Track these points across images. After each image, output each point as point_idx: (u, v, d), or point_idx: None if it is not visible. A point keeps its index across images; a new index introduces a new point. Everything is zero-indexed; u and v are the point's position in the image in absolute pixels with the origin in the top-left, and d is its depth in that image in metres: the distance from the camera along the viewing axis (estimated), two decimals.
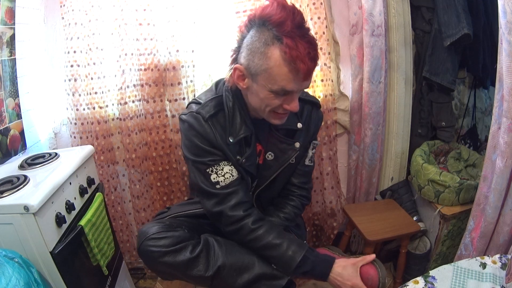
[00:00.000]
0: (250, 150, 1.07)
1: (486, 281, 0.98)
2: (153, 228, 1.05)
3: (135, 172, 1.66)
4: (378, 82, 1.59)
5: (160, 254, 1.01)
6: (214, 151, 1.04)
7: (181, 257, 1.01)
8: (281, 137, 1.12)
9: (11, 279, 0.86)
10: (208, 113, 1.03)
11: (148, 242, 1.03)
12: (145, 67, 1.54)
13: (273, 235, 1.04)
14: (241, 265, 1.04)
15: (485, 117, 1.72)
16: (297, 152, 1.14)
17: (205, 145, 1.03)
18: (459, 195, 1.48)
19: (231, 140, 1.04)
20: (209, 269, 1.02)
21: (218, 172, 1.04)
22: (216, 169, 1.04)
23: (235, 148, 1.05)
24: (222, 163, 1.04)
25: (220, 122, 1.04)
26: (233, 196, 1.04)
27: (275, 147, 1.13)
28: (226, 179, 1.04)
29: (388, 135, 1.75)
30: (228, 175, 1.04)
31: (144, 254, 1.04)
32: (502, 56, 1.06)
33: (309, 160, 1.23)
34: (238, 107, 1.05)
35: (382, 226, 1.53)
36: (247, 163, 1.07)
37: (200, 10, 1.51)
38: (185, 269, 1.02)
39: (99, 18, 1.49)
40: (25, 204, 0.94)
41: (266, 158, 1.14)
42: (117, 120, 1.62)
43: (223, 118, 1.05)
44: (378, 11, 1.49)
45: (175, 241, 1.03)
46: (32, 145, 1.50)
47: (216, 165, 1.04)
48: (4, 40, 1.32)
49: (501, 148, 1.10)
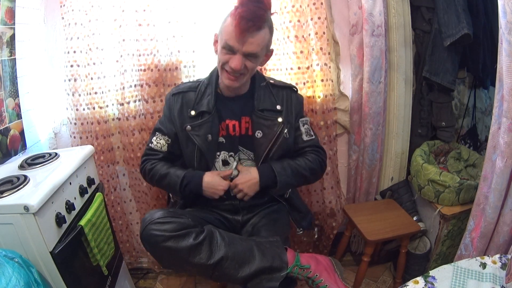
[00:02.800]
0: (200, 121, 1.24)
1: (486, 281, 0.98)
2: (157, 213, 1.08)
3: (136, 172, 1.66)
4: (378, 82, 1.59)
5: (164, 238, 1.03)
6: (167, 123, 1.29)
7: (184, 242, 1.03)
8: (264, 115, 1.26)
9: (11, 279, 0.86)
10: (176, 90, 1.30)
11: (152, 226, 1.05)
12: (145, 67, 1.54)
13: (164, 168, 1.27)
14: (242, 258, 1.07)
15: (485, 117, 1.72)
16: (281, 126, 1.26)
17: (166, 116, 1.30)
18: (459, 195, 1.48)
19: (192, 113, 1.25)
20: (211, 258, 1.04)
21: (158, 138, 1.31)
22: (158, 135, 1.31)
23: (191, 119, 1.25)
24: (163, 137, 1.30)
25: (186, 98, 1.27)
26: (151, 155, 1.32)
27: (261, 125, 1.27)
28: (156, 145, 1.31)
29: (388, 135, 1.75)
30: (159, 145, 1.30)
31: (147, 238, 1.05)
32: (502, 56, 1.06)
33: (306, 135, 1.33)
34: (210, 89, 1.26)
35: (382, 226, 1.53)
36: (192, 131, 1.24)
37: (201, 11, 1.52)
38: (188, 256, 1.04)
39: (99, 18, 1.49)
40: (25, 204, 0.94)
41: (256, 136, 1.27)
42: (117, 120, 1.62)
43: (192, 95, 1.27)
44: (378, 11, 1.49)
45: (179, 227, 1.05)
46: (32, 145, 1.50)
47: (161, 134, 1.30)
48: (4, 40, 1.32)
49: (501, 148, 1.10)
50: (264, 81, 1.31)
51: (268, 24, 1.12)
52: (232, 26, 1.07)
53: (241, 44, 1.09)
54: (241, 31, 1.06)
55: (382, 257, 1.86)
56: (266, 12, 1.10)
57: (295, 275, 1.10)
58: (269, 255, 1.09)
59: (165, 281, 1.84)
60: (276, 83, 1.33)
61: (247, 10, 1.05)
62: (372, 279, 1.78)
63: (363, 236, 1.50)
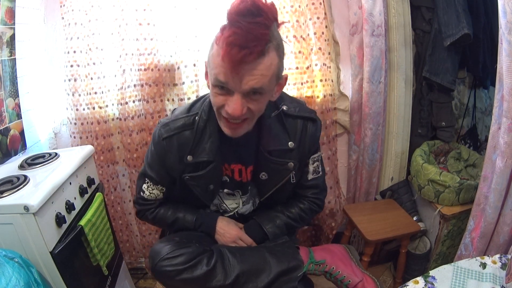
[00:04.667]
0: (200, 172, 1.06)
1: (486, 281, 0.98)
2: (165, 248, 1.04)
3: (136, 172, 1.66)
4: (378, 82, 1.59)
5: (177, 272, 1.00)
6: (159, 171, 1.09)
7: (198, 271, 1.01)
8: (272, 159, 1.06)
9: (11, 279, 0.86)
10: (167, 133, 1.04)
11: (163, 262, 1.01)
12: (145, 67, 1.54)
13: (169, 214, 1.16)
14: (258, 269, 1.04)
15: (485, 117, 1.72)
16: (291, 171, 1.09)
17: (156, 163, 1.09)
18: (459, 195, 1.48)
19: (190, 159, 1.04)
20: (227, 277, 1.02)
21: (149, 188, 1.13)
22: (150, 185, 1.13)
23: (190, 167, 1.06)
24: (156, 187, 1.13)
25: (182, 140, 1.04)
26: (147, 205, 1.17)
27: (268, 168, 1.08)
28: (150, 195, 1.14)
29: (388, 135, 1.75)
30: (153, 196, 1.14)
31: (161, 274, 1.03)
32: (502, 56, 1.06)
33: (312, 174, 1.15)
34: (210, 129, 1.03)
35: (382, 226, 1.53)
36: (192, 182, 1.07)
37: (202, 10, 1.51)
38: (205, 282, 1.02)
39: (99, 18, 1.49)
40: (25, 204, 0.94)
41: (260, 178, 1.10)
42: (117, 120, 1.62)
43: (188, 135, 1.03)
44: (378, 11, 1.49)
45: (190, 257, 1.02)
46: (32, 145, 1.50)
47: (152, 184, 1.13)
48: (4, 40, 1.32)
49: (501, 148, 1.10)
50: (276, 109, 1.04)
51: (274, 44, 0.83)
52: (218, 56, 0.79)
53: (237, 80, 0.81)
54: (234, 63, 0.77)
55: (382, 257, 1.86)
56: (269, 28, 0.79)
57: (311, 272, 1.10)
58: (284, 258, 1.07)
59: None
60: (290, 111, 1.05)
61: (238, 32, 0.75)
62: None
63: (363, 236, 1.50)
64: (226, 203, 1.20)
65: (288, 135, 1.06)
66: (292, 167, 1.07)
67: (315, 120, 1.09)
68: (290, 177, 1.10)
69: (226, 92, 0.85)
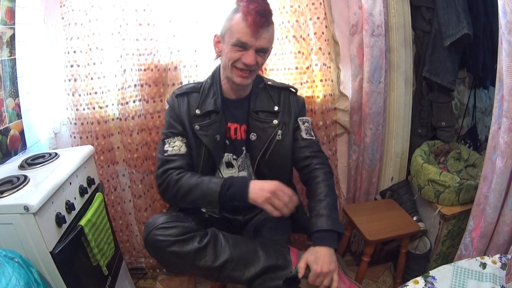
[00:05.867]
0: (208, 121, 1.22)
1: (486, 281, 0.98)
2: (160, 218, 1.07)
3: (136, 172, 1.66)
4: (378, 82, 1.59)
5: (169, 243, 1.03)
6: (175, 124, 1.22)
7: (189, 246, 1.03)
8: (259, 117, 1.25)
9: (11, 279, 0.86)
10: (179, 91, 1.26)
11: (156, 231, 1.04)
12: (145, 67, 1.54)
13: (195, 178, 1.15)
14: (247, 259, 1.07)
15: (485, 117, 1.72)
16: (276, 128, 1.24)
17: (171, 117, 1.24)
18: (459, 195, 1.47)
19: (198, 112, 1.22)
20: (216, 260, 1.04)
21: (170, 143, 1.21)
22: (170, 140, 1.21)
23: (198, 119, 1.22)
24: (176, 137, 1.22)
25: (191, 99, 1.24)
26: (171, 163, 1.18)
27: (256, 127, 1.26)
28: (173, 150, 1.20)
29: (388, 135, 1.75)
30: (176, 148, 1.20)
31: (152, 243, 1.05)
32: (502, 56, 1.06)
33: (306, 134, 1.29)
34: (214, 89, 1.24)
35: (382, 226, 1.53)
36: (201, 131, 1.21)
37: (202, 10, 1.51)
38: (193, 259, 1.04)
39: (99, 18, 1.49)
40: (25, 204, 0.94)
41: (250, 138, 1.26)
42: (117, 120, 1.62)
43: (196, 96, 1.25)
44: (378, 11, 1.49)
45: (184, 231, 1.05)
46: (32, 145, 1.50)
47: (172, 137, 1.22)
48: (4, 40, 1.32)
49: (501, 148, 1.10)
50: (262, 82, 1.29)
51: (272, 20, 1.15)
52: (245, 23, 1.08)
53: (256, 39, 1.10)
54: (257, 26, 1.07)
55: (382, 257, 1.86)
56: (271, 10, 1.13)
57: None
58: (273, 254, 1.09)
59: (165, 281, 1.84)
60: (274, 84, 1.32)
61: (259, 5, 1.07)
62: (372, 279, 1.78)
63: (363, 236, 1.50)
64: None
65: (273, 102, 1.28)
66: (277, 124, 1.25)
67: (295, 92, 1.34)
68: (276, 134, 1.24)
69: (243, 49, 1.11)
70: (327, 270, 1.03)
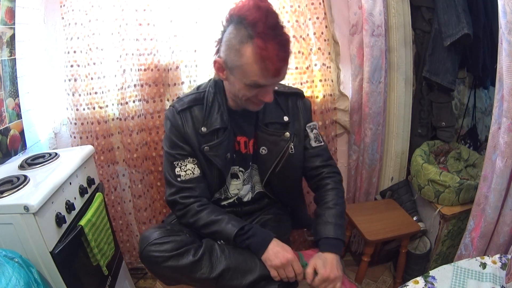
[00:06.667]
0: (217, 140, 1.14)
1: (486, 281, 0.98)
2: (155, 234, 1.06)
3: (136, 172, 1.66)
4: (378, 82, 1.59)
5: (164, 258, 1.02)
6: (183, 145, 1.13)
7: (184, 260, 1.02)
8: (269, 130, 1.18)
9: (11, 279, 0.86)
10: (181, 107, 1.14)
11: (151, 247, 1.03)
12: (145, 67, 1.54)
13: (215, 213, 1.11)
14: (244, 267, 1.06)
15: (485, 117, 1.72)
16: (288, 142, 1.18)
17: (176, 137, 1.14)
18: (459, 195, 1.48)
19: (204, 130, 1.13)
20: (213, 271, 1.03)
21: (181, 167, 1.14)
22: (181, 163, 1.14)
23: (205, 138, 1.14)
24: (187, 160, 1.14)
25: (195, 114, 1.14)
26: (188, 191, 1.13)
27: (267, 141, 1.19)
28: (187, 175, 1.14)
29: (388, 135, 1.75)
30: (189, 172, 1.14)
31: (147, 259, 1.04)
32: (502, 56, 1.06)
33: (315, 141, 1.24)
34: (218, 101, 1.14)
35: (382, 226, 1.53)
36: (211, 152, 1.13)
37: (202, 10, 1.51)
38: (190, 273, 1.03)
39: (99, 18, 1.49)
40: (25, 204, 0.94)
41: (260, 152, 1.20)
42: (117, 120, 1.62)
43: (199, 110, 1.14)
44: (378, 11, 1.49)
45: (178, 245, 1.03)
46: (32, 145, 1.50)
47: (182, 160, 1.14)
48: (4, 40, 1.32)
49: (501, 148, 1.10)
50: None
51: None
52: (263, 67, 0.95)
53: (278, 78, 1.00)
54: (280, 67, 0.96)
55: (382, 257, 1.86)
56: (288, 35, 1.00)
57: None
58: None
59: None
60: (281, 90, 1.21)
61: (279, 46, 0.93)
62: (372, 279, 1.78)
63: (363, 236, 1.50)
64: (229, 189, 1.26)
65: (282, 111, 1.20)
66: (289, 137, 1.18)
67: (303, 95, 1.26)
68: (289, 149, 1.18)
69: (260, 88, 1.01)
70: (334, 276, 1.04)
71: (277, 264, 1.03)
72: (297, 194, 1.36)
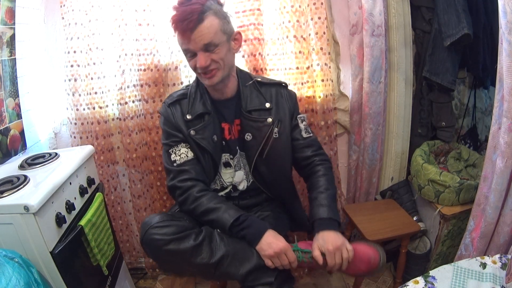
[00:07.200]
0: (201, 124, 1.22)
1: (486, 281, 0.98)
2: (156, 218, 1.08)
3: (135, 172, 1.66)
4: (378, 82, 1.59)
5: (165, 242, 1.03)
6: (175, 133, 1.22)
7: (185, 244, 1.04)
8: (252, 117, 1.24)
9: (11, 279, 0.86)
10: (170, 101, 1.26)
11: (152, 230, 1.05)
12: (145, 67, 1.54)
13: (214, 201, 1.16)
14: (242, 255, 1.08)
15: (485, 117, 1.72)
16: (271, 126, 1.23)
17: (169, 127, 1.24)
18: (459, 195, 1.47)
19: (188, 117, 1.22)
20: (213, 256, 1.05)
21: (176, 152, 1.22)
22: (175, 149, 1.22)
23: (192, 123, 1.22)
24: (180, 145, 1.22)
25: (182, 106, 1.24)
26: (185, 173, 1.19)
27: (251, 127, 1.24)
28: (181, 158, 1.21)
29: (388, 135, 1.75)
30: (183, 155, 1.21)
31: (148, 242, 1.05)
32: (502, 56, 1.06)
33: (305, 132, 1.29)
34: (200, 92, 1.25)
35: (382, 226, 1.53)
36: (198, 135, 1.21)
37: None
38: (190, 257, 1.04)
39: (99, 18, 1.49)
40: (25, 204, 0.94)
41: (246, 139, 1.25)
42: (117, 120, 1.62)
43: (186, 102, 1.24)
44: (378, 11, 1.49)
45: (179, 229, 1.06)
46: (32, 145, 1.50)
47: (176, 146, 1.22)
48: (4, 40, 1.33)
49: (501, 148, 1.10)
50: (250, 80, 1.27)
51: (212, 12, 1.09)
52: (176, 33, 1.10)
53: (192, 43, 1.08)
54: (183, 32, 1.07)
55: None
56: (202, 5, 1.07)
57: (300, 259, 1.11)
58: None
59: (165, 281, 1.84)
60: (263, 80, 1.29)
61: (179, 13, 1.06)
62: (372, 279, 1.78)
63: (363, 236, 1.50)
64: (224, 178, 1.31)
65: (264, 98, 1.26)
66: (271, 122, 1.23)
67: (286, 86, 1.32)
68: (273, 133, 1.23)
69: (193, 55, 1.11)
70: (338, 244, 1.07)
71: (271, 253, 1.07)
72: (288, 186, 1.37)
